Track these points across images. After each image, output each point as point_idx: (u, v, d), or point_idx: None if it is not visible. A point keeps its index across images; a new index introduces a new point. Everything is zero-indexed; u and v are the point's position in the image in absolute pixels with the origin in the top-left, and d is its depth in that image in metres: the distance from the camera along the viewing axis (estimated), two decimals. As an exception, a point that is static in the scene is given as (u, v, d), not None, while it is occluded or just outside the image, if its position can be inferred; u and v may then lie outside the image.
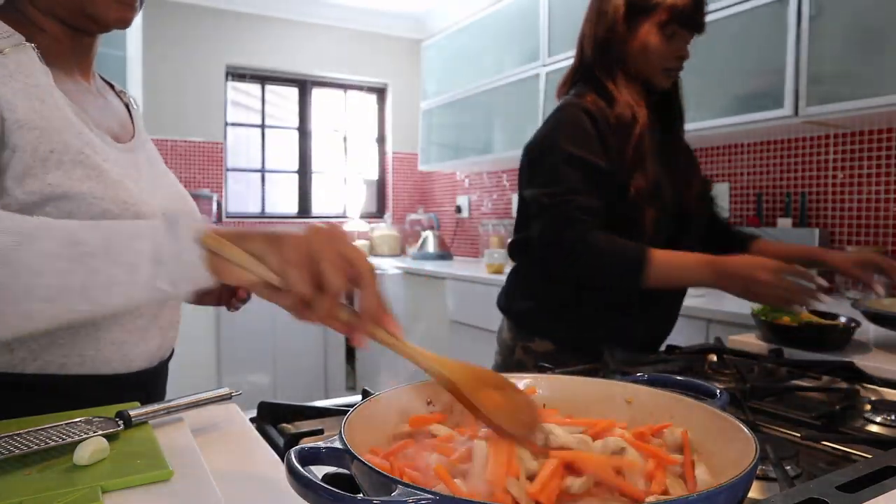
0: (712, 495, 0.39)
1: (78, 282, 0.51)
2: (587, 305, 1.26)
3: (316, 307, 0.53)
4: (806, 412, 0.79)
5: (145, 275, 0.53)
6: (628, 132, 1.18)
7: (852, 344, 1.25)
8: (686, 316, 1.96)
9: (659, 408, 0.58)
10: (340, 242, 0.54)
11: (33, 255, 0.50)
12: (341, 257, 0.53)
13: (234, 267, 0.54)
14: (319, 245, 0.53)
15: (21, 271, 0.50)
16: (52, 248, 0.51)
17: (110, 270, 0.52)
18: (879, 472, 0.56)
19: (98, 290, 0.52)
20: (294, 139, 4.49)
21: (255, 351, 3.58)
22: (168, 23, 3.87)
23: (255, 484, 0.57)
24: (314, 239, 0.53)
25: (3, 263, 0.49)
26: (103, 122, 0.82)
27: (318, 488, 0.39)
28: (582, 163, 1.16)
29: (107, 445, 0.55)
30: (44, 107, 0.71)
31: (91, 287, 0.51)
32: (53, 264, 0.51)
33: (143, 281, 0.53)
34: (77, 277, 0.51)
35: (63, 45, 0.80)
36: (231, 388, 0.71)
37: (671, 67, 1.21)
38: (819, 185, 2.29)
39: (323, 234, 0.54)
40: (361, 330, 0.53)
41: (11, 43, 0.71)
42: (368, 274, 0.54)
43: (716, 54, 2.19)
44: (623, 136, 1.18)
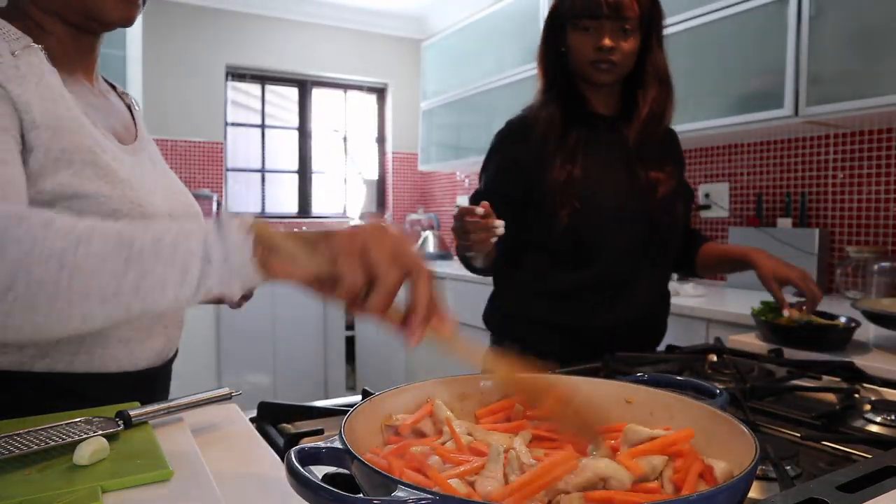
0: (712, 495, 0.39)
1: (131, 282, 0.52)
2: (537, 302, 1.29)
3: (370, 300, 0.53)
4: (806, 412, 0.79)
5: (196, 274, 0.53)
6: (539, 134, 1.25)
7: (852, 344, 1.25)
8: (686, 316, 1.97)
9: (659, 408, 0.58)
10: (392, 238, 0.54)
11: (88, 256, 0.51)
12: (394, 252, 0.53)
13: (284, 263, 0.54)
14: (371, 239, 0.53)
15: (77, 273, 0.51)
16: (106, 249, 0.52)
17: (162, 271, 0.52)
18: (879, 472, 0.56)
19: (151, 290, 0.52)
20: (294, 139, 4.49)
21: (255, 351, 3.58)
22: (168, 23, 3.87)
23: (255, 484, 0.57)
24: (366, 234, 0.54)
25: (61, 266, 0.50)
26: (108, 123, 0.83)
27: (318, 488, 0.39)
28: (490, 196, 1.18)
29: (107, 445, 0.55)
30: (56, 107, 0.72)
31: (144, 287, 0.52)
32: (108, 265, 0.51)
33: (194, 281, 0.53)
34: (130, 278, 0.52)
35: (67, 47, 0.80)
36: (231, 388, 0.72)
37: (595, 59, 1.21)
38: (819, 185, 2.29)
39: (374, 230, 0.55)
40: (416, 327, 0.54)
41: (21, 45, 0.72)
42: (422, 269, 0.54)
43: (716, 54, 2.19)
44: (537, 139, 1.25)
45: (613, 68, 1.22)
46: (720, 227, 2.62)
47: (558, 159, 1.22)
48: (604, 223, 1.22)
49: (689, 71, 2.28)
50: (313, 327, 3.77)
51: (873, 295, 1.92)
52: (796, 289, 1.26)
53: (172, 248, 0.53)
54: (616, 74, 1.24)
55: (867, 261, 2.00)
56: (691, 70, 2.28)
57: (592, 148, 1.25)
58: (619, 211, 1.24)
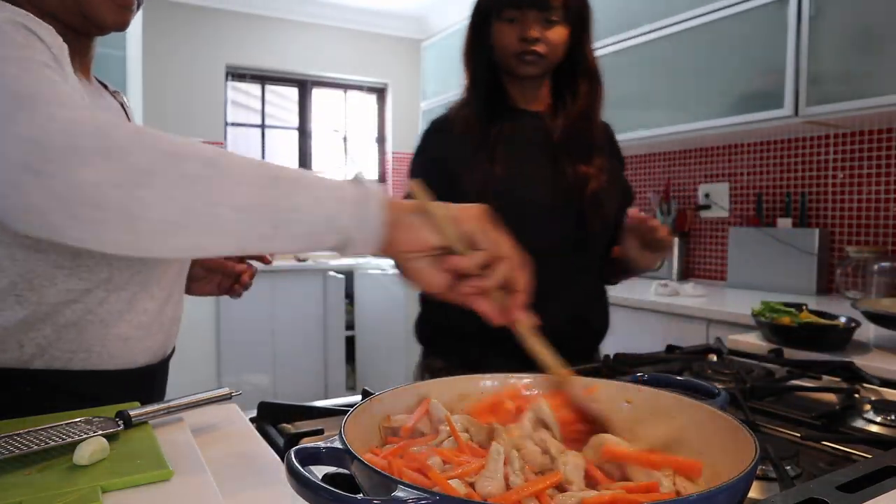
0: (712, 495, 0.39)
1: (269, 199, 0.51)
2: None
3: (483, 281, 0.58)
4: (806, 412, 0.79)
5: (330, 210, 0.53)
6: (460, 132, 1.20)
7: (852, 344, 1.25)
8: (686, 316, 1.97)
9: (659, 408, 0.58)
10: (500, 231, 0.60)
11: (237, 164, 0.51)
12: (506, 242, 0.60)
13: (412, 232, 0.57)
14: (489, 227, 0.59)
15: (224, 174, 0.51)
16: (252, 166, 0.52)
17: (300, 197, 0.53)
18: (879, 472, 0.56)
19: (285, 213, 0.52)
20: (294, 139, 4.49)
21: (255, 351, 3.58)
22: (168, 23, 3.87)
23: (256, 484, 0.57)
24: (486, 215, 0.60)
25: (212, 165, 0.50)
26: None
27: (318, 488, 0.39)
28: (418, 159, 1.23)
29: (107, 445, 0.55)
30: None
31: (280, 209, 0.52)
32: (252, 176, 0.51)
33: (327, 216, 0.53)
34: (270, 195, 0.52)
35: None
36: (231, 388, 0.71)
37: (520, 51, 1.15)
38: (819, 185, 2.29)
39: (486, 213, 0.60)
40: (512, 313, 0.60)
41: None
42: (524, 262, 0.61)
43: (716, 54, 2.19)
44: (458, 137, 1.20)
45: (539, 60, 1.17)
46: (720, 227, 2.62)
47: (477, 157, 1.16)
48: (527, 223, 1.13)
49: (690, 71, 2.29)
50: (313, 327, 3.77)
51: (873, 295, 1.92)
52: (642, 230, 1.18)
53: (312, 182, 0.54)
54: (542, 67, 1.18)
55: (867, 261, 2.00)
56: (692, 70, 2.28)
57: (516, 145, 1.19)
58: (544, 209, 1.17)
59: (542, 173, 1.19)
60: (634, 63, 2.49)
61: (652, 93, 2.45)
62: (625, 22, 2.52)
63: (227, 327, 3.48)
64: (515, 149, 1.18)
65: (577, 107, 1.23)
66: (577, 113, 1.22)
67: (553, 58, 1.18)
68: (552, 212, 1.18)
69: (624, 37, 2.52)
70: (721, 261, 2.62)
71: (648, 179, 2.93)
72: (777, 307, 1.35)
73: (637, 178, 2.98)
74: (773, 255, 2.29)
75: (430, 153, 1.25)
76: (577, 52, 1.21)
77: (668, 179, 2.82)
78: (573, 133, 1.21)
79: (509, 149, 1.17)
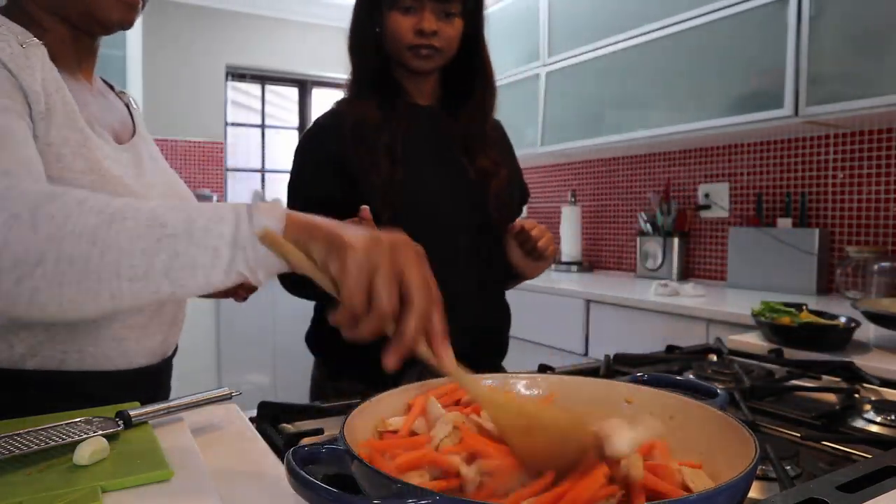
0: (712, 495, 0.39)
1: (161, 263, 0.52)
2: None
3: (360, 326, 0.51)
4: (806, 412, 0.79)
5: (226, 259, 0.53)
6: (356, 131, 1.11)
7: (852, 344, 1.25)
8: (686, 316, 1.97)
9: (659, 408, 0.58)
10: (402, 255, 0.52)
11: (121, 234, 0.51)
12: (397, 273, 0.51)
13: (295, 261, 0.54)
14: (379, 258, 0.51)
15: (108, 250, 0.51)
16: (138, 228, 0.52)
17: (192, 253, 0.52)
18: (879, 472, 0.56)
19: (180, 271, 0.52)
20: (294, 139, 4.49)
21: (255, 351, 3.58)
22: (168, 23, 3.87)
23: (255, 484, 0.57)
24: (376, 250, 0.51)
25: (92, 242, 0.50)
26: (104, 121, 0.83)
27: (318, 488, 0.39)
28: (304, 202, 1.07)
29: (107, 445, 0.55)
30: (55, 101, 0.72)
31: (173, 268, 0.52)
32: (139, 244, 0.51)
33: (224, 264, 0.53)
34: (161, 258, 0.52)
35: (66, 46, 0.81)
36: (231, 388, 0.71)
37: (415, 44, 1.09)
38: (819, 185, 2.29)
39: (385, 245, 0.52)
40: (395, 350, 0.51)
41: (25, 38, 0.72)
42: (418, 293, 0.51)
43: (716, 54, 2.19)
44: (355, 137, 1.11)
45: (435, 54, 1.10)
46: (720, 227, 2.62)
47: (378, 158, 1.08)
48: (429, 226, 1.05)
49: (690, 71, 2.29)
50: (313, 327, 3.77)
51: (873, 295, 1.92)
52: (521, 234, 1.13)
53: (204, 231, 0.53)
54: (437, 62, 1.12)
55: (867, 261, 2.00)
56: (691, 70, 2.28)
57: (414, 143, 1.13)
58: (447, 211, 1.11)
59: (442, 173, 1.14)
60: (634, 63, 2.49)
61: (652, 93, 2.44)
62: (625, 22, 2.52)
63: (227, 327, 3.48)
64: (414, 148, 1.12)
65: (473, 104, 1.18)
66: (477, 110, 1.18)
67: (448, 53, 1.13)
68: (455, 215, 1.12)
69: (624, 37, 2.52)
70: (721, 261, 2.62)
71: (648, 179, 2.93)
72: (777, 307, 1.35)
73: (637, 178, 2.98)
74: (773, 255, 2.29)
75: (315, 153, 1.14)
76: (471, 48, 1.16)
77: (668, 179, 2.82)
78: (471, 130, 1.17)
79: (408, 149, 1.11)
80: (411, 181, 1.09)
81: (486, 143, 1.19)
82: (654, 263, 2.72)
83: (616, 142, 2.61)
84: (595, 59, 2.65)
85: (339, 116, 1.15)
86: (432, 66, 1.13)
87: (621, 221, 3.07)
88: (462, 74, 1.19)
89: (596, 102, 2.69)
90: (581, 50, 2.72)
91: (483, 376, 0.64)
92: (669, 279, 2.64)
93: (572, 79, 2.79)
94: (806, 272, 2.21)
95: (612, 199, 3.11)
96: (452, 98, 1.20)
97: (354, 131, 1.10)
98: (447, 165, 1.15)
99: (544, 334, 2.53)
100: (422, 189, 1.11)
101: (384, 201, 1.05)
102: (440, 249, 1.00)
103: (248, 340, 3.54)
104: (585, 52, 2.70)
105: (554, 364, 1.00)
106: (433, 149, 1.15)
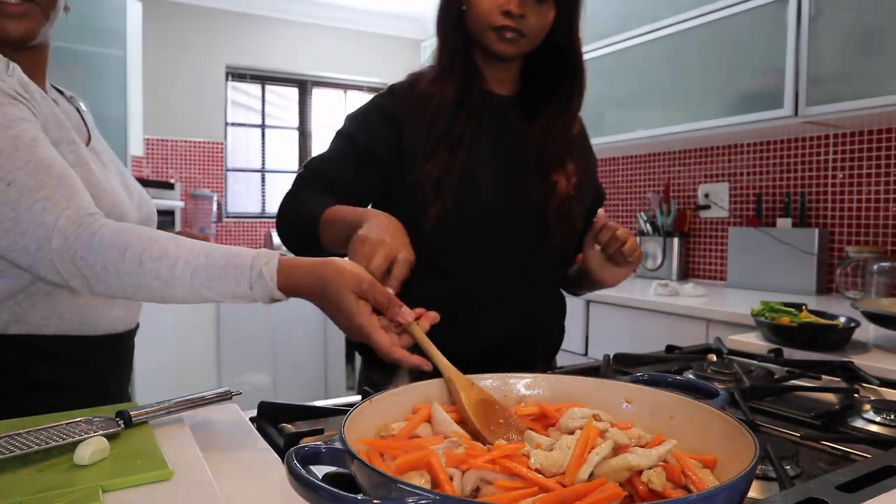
0: (712, 495, 0.39)
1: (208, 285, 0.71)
2: None
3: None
4: (806, 412, 0.79)
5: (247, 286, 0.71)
6: (426, 112, 1.02)
7: (852, 344, 1.25)
8: (686, 316, 1.97)
9: (659, 408, 0.58)
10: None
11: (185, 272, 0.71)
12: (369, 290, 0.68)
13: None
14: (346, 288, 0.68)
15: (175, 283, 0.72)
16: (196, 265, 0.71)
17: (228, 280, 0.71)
18: (879, 472, 0.56)
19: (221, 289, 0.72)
20: (294, 139, 4.49)
21: (255, 351, 3.57)
22: (168, 23, 3.87)
23: (255, 484, 0.57)
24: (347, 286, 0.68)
25: (165, 284, 0.72)
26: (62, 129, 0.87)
27: (318, 488, 0.39)
28: (348, 138, 1.04)
29: (107, 445, 0.55)
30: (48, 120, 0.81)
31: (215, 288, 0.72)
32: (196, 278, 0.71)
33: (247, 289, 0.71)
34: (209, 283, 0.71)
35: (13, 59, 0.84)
36: (231, 388, 0.72)
37: (498, 25, 0.98)
38: (819, 185, 2.29)
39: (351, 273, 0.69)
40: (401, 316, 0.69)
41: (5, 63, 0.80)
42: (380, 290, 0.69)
43: (716, 54, 2.19)
44: (421, 117, 1.02)
45: (520, 40, 1.00)
46: (720, 227, 2.62)
47: (440, 147, 0.99)
48: (478, 229, 1.01)
49: (690, 71, 2.29)
50: (313, 327, 3.77)
51: (873, 295, 1.92)
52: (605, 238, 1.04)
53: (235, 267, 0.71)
54: (521, 48, 1.01)
55: (867, 261, 2.00)
56: (691, 70, 2.28)
57: (482, 135, 1.03)
58: (501, 214, 1.02)
59: (506, 173, 1.04)
60: (634, 63, 2.49)
61: (652, 93, 2.44)
62: (625, 22, 2.52)
63: (227, 327, 3.48)
64: (481, 141, 1.03)
65: (557, 102, 1.07)
66: (557, 109, 1.07)
67: (535, 40, 1.02)
68: (512, 219, 1.03)
69: (624, 37, 2.52)
70: (721, 261, 2.62)
71: (648, 179, 2.93)
72: (777, 307, 1.35)
73: (637, 178, 2.98)
74: (773, 255, 2.29)
75: (386, 113, 1.05)
76: (563, 39, 1.05)
77: (668, 179, 2.82)
78: (549, 131, 1.06)
79: (474, 141, 1.02)
80: (466, 176, 1.00)
81: (561, 146, 1.07)
82: (653, 263, 2.72)
83: (616, 142, 2.61)
84: (595, 59, 2.65)
85: (414, 88, 1.05)
86: (515, 52, 1.02)
87: (621, 221, 3.07)
88: (548, 66, 1.07)
89: (596, 102, 2.69)
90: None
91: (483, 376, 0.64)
92: (669, 279, 2.64)
93: (572, 79, 2.79)
94: (806, 272, 2.21)
95: (612, 199, 3.11)
96: (534, 91, 1.09)
97: (427, 114, 1.02)
98: (512, 166, 1.04)
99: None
100: (476, 187, 1.00)
101: (434, 194, 0.98)
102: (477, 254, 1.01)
103: (248, 340, 3.53)
104: (586, 52, 2.69)
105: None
106: (500, 145, 1.05)
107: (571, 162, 1.07)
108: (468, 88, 1.03)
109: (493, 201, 1.01)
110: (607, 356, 1.07)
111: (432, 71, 1.07)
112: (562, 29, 1.04)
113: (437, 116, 1.01)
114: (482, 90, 1.06)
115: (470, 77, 1.05)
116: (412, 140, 1.01)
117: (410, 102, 1.04)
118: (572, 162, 1.07)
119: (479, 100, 1.04)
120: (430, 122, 1.01)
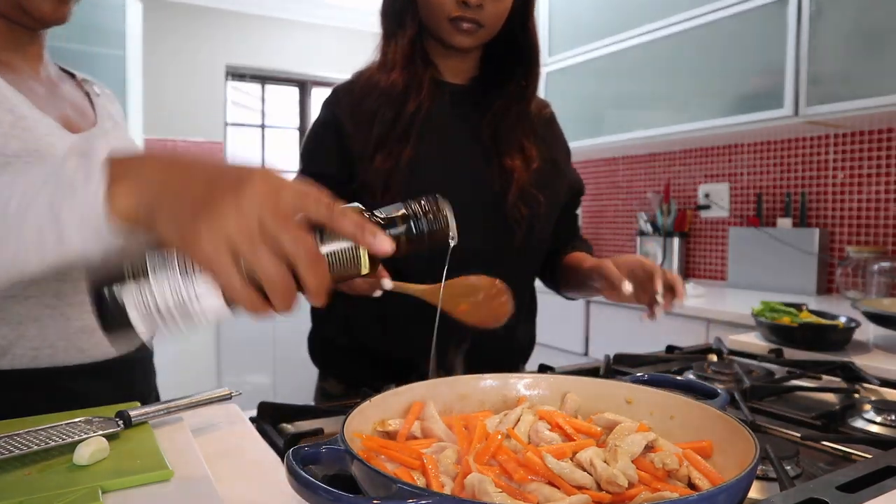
0: (712, 495, 0.39)
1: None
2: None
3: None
4: (806, 412, 0.79)
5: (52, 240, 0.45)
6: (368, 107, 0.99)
7: (852, 344, 1.25)
8: (686, 316, 1.97)
9: (659, 408, 0.58)
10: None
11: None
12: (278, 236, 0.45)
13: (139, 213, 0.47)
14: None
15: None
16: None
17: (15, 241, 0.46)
18: (879, 472, 0.56)
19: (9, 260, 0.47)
20: (294, 139, 4.49)
21: (255, 351, 3.58)
22: (168, 23, 3.87)
23: (255, 484, 0.57)
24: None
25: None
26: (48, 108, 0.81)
27: (318, 488, 0.39)
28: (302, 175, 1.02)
29: (107, 445, 0.55)
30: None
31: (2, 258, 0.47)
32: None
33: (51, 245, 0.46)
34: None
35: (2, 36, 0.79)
36: (231, 388, 0.71)
37: (454, 16, 0.94)
38: (819, 185, 2.29)
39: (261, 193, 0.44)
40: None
41: None
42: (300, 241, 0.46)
43: (716, 54, 2.19)
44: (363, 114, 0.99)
45: (478, 30, 0.96)
46: (720, 227, 2.62)
47: (387, 142, 0.95)
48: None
49: (690, 71, 2.29)
50: (313, 327, 3.78)
51: (873, 295, 1.92)
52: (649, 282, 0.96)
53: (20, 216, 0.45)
54: (480, 38, 0.98)
55: (867, 261, 2.00)
56: (692, 70, 2.28)
57: (435, 127, 0.99)
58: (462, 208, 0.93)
59: (463, 164, 1.00)
60: (634, 63, 2.49)
61: (652, 93, 2.44)
62: (625, 22, 2.52)
63: (227, 327, 3.48)
64: (434, 133, 0.98)
65: (512, 88, 1.03)
66: (513, 95, 1.03)
67: (493, 30, 0.98)
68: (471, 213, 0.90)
69: (624, 37, 2.52)
70: (721, 261, 2.62)
71: (648, 179, 2.93)
72: (777, 307, 1.35)
73: (637, 178, 2.98)
74: (773, 255, 2.29)
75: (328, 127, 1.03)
76: (519, 25, 1.02)
77: (668, 179, 2.82)
78: (504, 117, 1.02)
79: (426, 134, 0.97)
80: (419, 171, 0.95)
81: (523, 134, 1.03)
82: (654, 263, 2.72)
83: (616, 142, 2.61)
84: (595, 59, 2.65)
85: (355, 87, 1.03)
86: (473, 43, 0.98)
87: (621, 221, 3.07)
88: (504, 54, 1.04)
89: (596, 102, 2.69)
90: (581, 50, 2.72)
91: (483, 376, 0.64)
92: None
93: (572, 79, 2.79)
94: (806, 272, 2.21)
95: (612, 199, 3.11)
96: (489, 78, 1.05)
97: (371, 108, 0.98)
98: (467, 156, 1.01)
99: (544, 334, 2.53)
100: (431, 182, 0.94)
101: (383, 194, 0.93)
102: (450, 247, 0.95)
103: (248, 341, 3.53)
104: (585, 52, 2.70)
105: (554, 364, 1.00)
106: (455, 135, 1.01)
107: (532, 147, 1.02)
108: (417, 79, 0.99)
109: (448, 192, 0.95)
110: (607, 356, 1.07)
111: (375, 64, 1.04)
112: (518, 16, 1.01)
113: (381, 110, 0.97)
114: (435, 80, 1.01)
115: (419, 67, 1.00)
116: (355, 140, 0.97)
117: (353, 101, 1.00)
118: (533, 147, 1.02)
119: (429, 90, 0.99)
120: (371, 119, 0.97)
